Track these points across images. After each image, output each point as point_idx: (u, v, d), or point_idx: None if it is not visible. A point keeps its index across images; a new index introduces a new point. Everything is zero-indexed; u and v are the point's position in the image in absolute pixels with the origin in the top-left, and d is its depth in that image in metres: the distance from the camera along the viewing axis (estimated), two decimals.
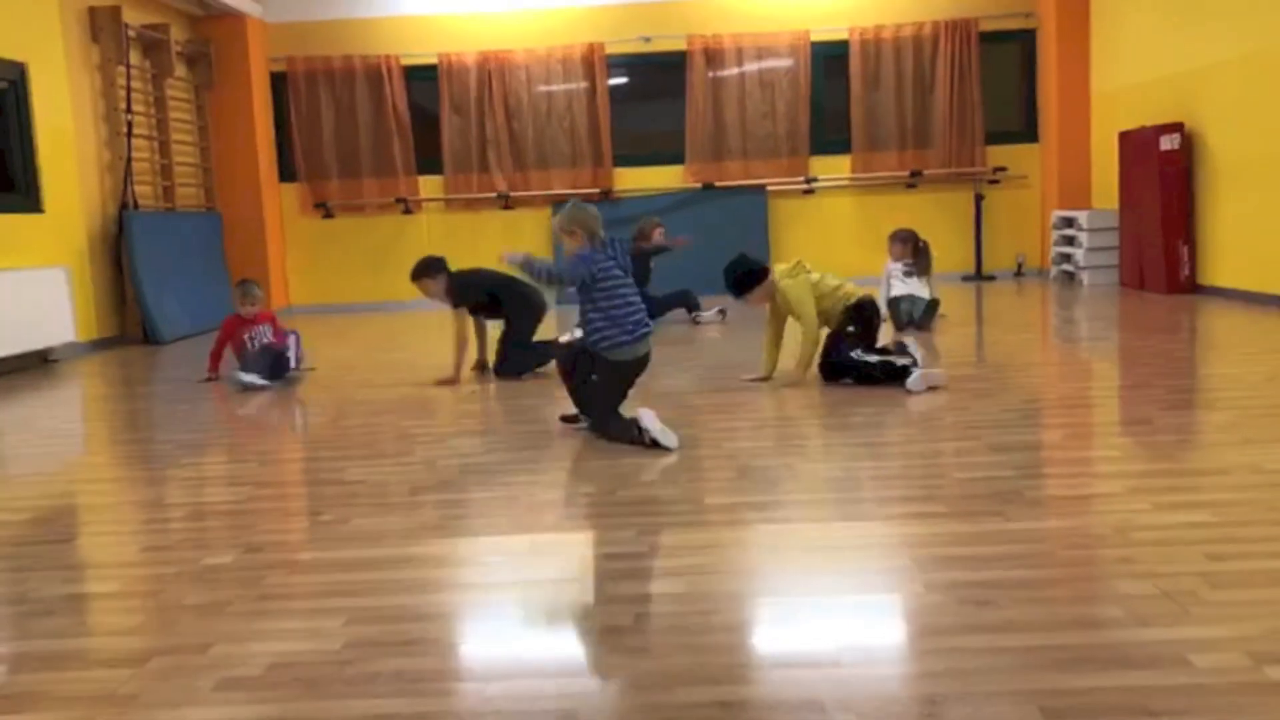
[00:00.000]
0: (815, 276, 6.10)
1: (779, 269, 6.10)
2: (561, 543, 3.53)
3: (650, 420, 4.59)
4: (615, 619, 2.76)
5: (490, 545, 3.51)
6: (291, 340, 7.10)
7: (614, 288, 4.88)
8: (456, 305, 6.70)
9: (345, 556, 3.42)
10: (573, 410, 5.16)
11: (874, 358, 5.89)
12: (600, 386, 4.92)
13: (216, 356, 7.26)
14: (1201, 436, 4.46)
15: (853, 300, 6.05)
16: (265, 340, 7.12)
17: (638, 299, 4.99)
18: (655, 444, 4.55)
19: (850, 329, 5.99)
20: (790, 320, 6.10)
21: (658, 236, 9.34)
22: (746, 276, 6.03)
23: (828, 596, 2.90)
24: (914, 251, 8.55)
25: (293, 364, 7.05)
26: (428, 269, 6.75)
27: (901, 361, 5.81)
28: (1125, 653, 2.41)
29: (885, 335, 6.61)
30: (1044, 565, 3.02)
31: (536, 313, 6.92)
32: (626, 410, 4.83)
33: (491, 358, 6.95)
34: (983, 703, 2.20)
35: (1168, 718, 2.11)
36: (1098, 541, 3.20)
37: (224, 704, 2.39)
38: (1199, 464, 4.06)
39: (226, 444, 5.39)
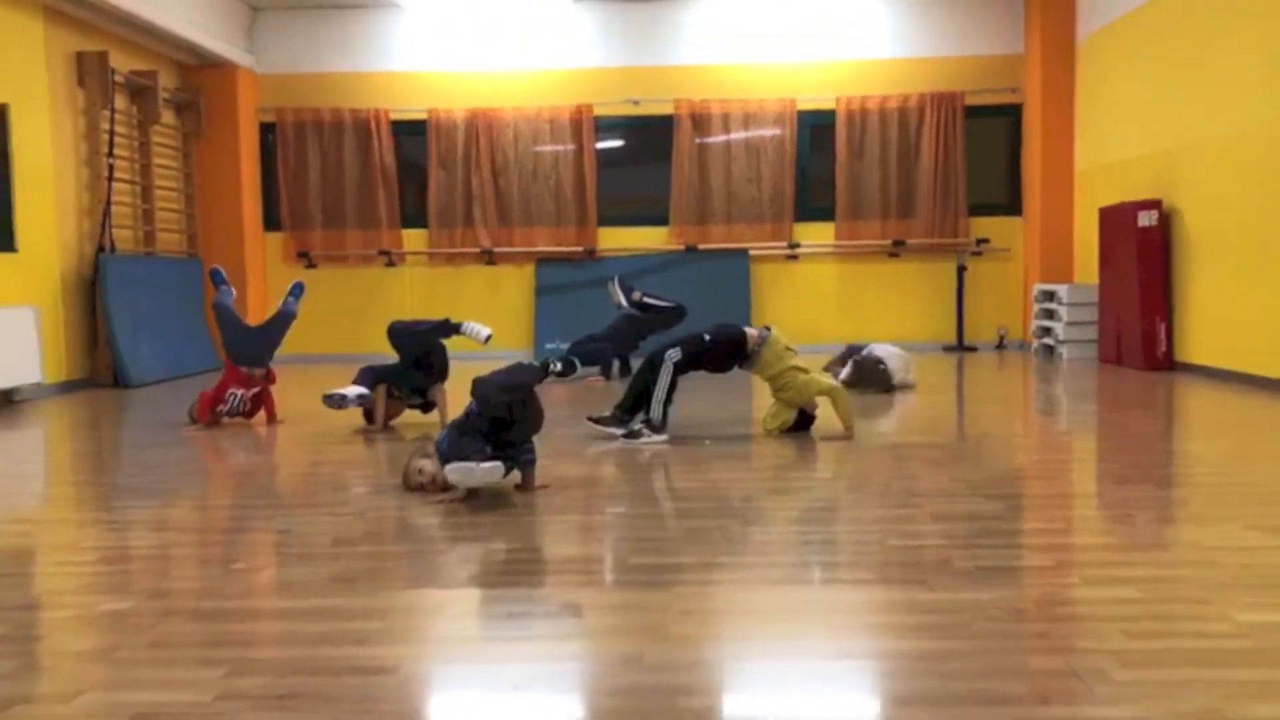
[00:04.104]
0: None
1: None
2: (468, 600, 3.43)
3: None
4: (510, 679, 2.66)
5: (396, 600, 3.41)
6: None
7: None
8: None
9: (245, 606, 3.32)
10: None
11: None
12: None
13: (212, 402, 7.10)
14: (1147, 512, 4.36)
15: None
16: (242, 404, 7.09)
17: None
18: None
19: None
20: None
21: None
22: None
23: (728, 662, 2.80)
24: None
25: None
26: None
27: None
28: None
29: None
30: (956, 637, 2.91)
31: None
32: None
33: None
34: None
35: None
36: (1016, 615, 3.09)
37: None
38: (1137, 539, 3.96)
39: (165, 489, 5.29)
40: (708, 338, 6.25)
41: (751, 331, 6.31)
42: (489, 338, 6.85)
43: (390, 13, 12.19)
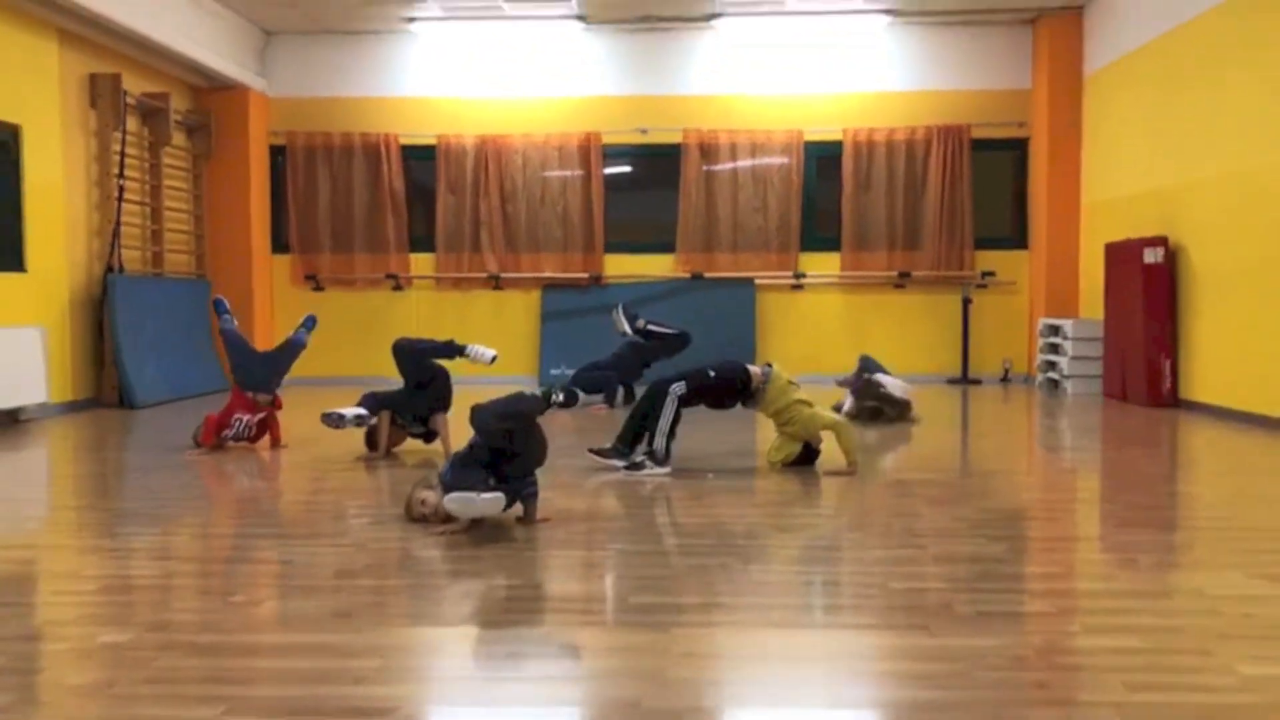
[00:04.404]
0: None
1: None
2: (468, 638, 3.42)
3: None
4: None
5: (396, 637, 3.40)
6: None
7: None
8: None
9: (245, 641, 3.32)
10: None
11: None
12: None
13: (217, 427, 7.11)
14: (1150, 557, 4.35)
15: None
16: (247, 430, 7.12)
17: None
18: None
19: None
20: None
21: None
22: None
23: (726, 708, 2.79)
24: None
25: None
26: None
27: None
28: None
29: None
30: (956, 686, 2.90)
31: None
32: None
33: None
34: None
35: None
36: (1017, 663, 3.08)
37: None
38: (1140, 585, 3.95)
39: (166, 515, 5.30)
40: (712, 373, 6.27)
41: (754, 369, 6.33)
42: (494, 359, 6.86)
43: (402, 39, 12.27)
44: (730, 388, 6.29)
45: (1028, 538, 4.93)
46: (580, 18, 11.71)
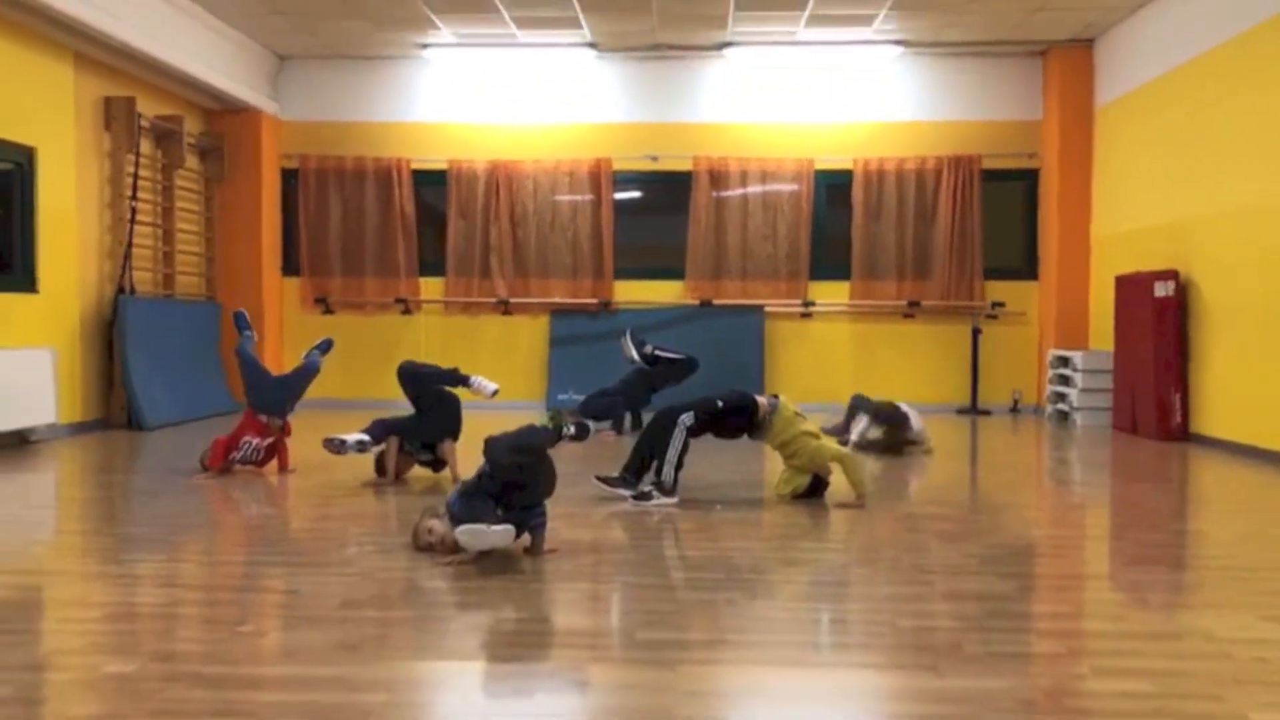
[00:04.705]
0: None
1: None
2: (473, 673, 3.41)
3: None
4: None
5: (401, 670, 3.39)
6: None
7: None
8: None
9: (251, 673, 3.31)
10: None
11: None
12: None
13: (225, 451, 7.09)
14: (1159, 596, 4.32)
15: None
16: (255, 453, 7.14)
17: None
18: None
19: None
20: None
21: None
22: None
23: None
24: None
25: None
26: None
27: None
28: None
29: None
30: None
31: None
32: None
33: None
34: None
35: None
36: (1026, 706, 3.06)
37: None
38: (1150, 627, 3.92)
39: (172, 541, 5.30)
40: (720, 403, 6.27)
41: (762, 400, 6.33)
42: (495, 393, 6.90)
43: (415, 64, 12.35)
44: (738, 418, 6.29)
45: (1037, 575, 4.91)
46: (592, 45, 11.77)
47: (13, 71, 8.69)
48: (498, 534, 4.50)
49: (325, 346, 7.68)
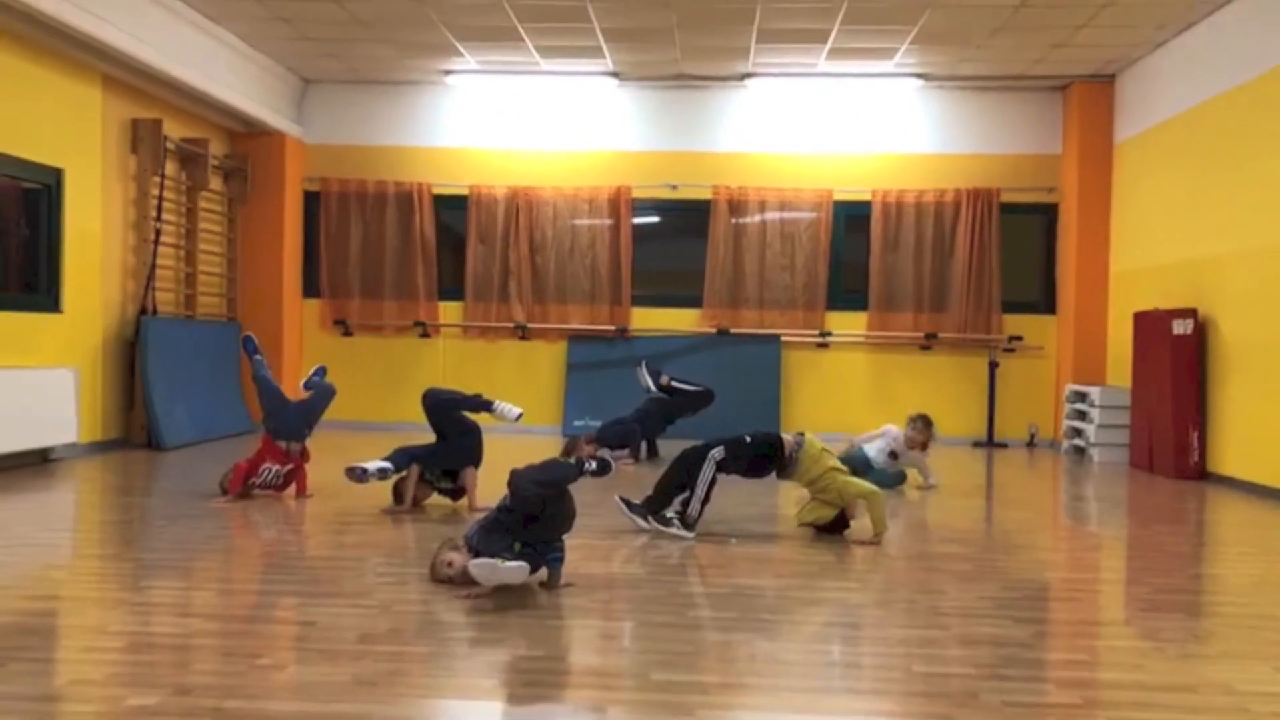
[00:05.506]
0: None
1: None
2: (488, 713, 3.42)
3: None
4: None
5: (417, 709, 3.40)
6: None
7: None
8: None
9: (269, 709, 3.33)
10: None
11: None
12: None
13: (245, 476, 7.14)
14: (1176, 646, 4.30)
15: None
16: (275, 478, 7.19)
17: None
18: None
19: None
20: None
21: (589, 451, 8.98)
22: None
23: None
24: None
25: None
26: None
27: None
28: None
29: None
30: None
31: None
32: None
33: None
34: None
35: None
36: None
37: None
38: (1167, 678, 3.90)
39: (191, 567, 5.33)
40: (749, 439, 6.32)
41: (787, 438, 6.36)
42: (519, 417, 6.95)
43: (438, 90, 12.46)
44: (766, 454, 6.33)
45: (1053, 620, 4.90)
46: (614, 75, 11.85)
47: (42, 93, 8.81)
48: (510, 570, 4.53)
49: (321, 373, 7.69)
